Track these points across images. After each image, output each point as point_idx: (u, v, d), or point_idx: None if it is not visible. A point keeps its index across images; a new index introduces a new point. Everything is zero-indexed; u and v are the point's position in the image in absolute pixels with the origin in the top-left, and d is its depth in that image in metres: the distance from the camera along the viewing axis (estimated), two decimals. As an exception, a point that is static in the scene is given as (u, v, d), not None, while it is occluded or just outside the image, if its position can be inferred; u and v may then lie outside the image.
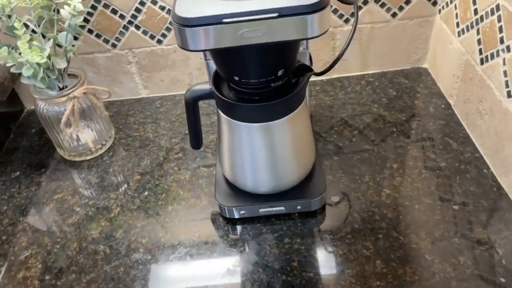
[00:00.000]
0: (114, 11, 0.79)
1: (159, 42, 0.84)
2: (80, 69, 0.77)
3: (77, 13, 0.68)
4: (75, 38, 0.76)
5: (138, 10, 0.79)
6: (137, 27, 0.81)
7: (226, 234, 0.64)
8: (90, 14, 0.79)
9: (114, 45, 0.84)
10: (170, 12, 0.71)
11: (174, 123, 0.85)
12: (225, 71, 0.53)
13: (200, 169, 0.74)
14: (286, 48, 0.50)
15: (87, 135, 0.77)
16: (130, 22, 0.81)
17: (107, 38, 0.83)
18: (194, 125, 0.62)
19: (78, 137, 0.77)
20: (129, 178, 0.74)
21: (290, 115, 0.56)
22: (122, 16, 0.80)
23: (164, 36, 0.83)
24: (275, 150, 0.59)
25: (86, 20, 0.80)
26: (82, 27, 0.80)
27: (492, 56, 0.64)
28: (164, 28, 0.82)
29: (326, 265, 0.58)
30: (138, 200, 0.70)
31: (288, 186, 0.63)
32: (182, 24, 0.44)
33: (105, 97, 0.78)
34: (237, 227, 0.65)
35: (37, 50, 0.64)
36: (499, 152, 0.65)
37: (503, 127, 0.63)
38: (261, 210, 0.64)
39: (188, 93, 0.58)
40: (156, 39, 0.83)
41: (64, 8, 0.67)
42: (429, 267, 0.57)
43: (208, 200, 0.69)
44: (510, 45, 0.59)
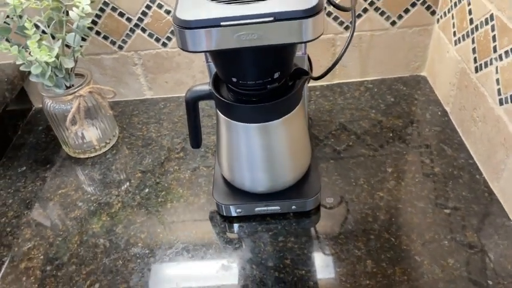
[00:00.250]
0: (121, 14, 0.82)
1: (164, 45, 0.86)
2: (87, 69, 0.80)
3: (85, 15, 0.71)
4: (83, 39, 0.79)
5: (145, 13, 0.82)
6: (143, 30, 0.84)
7: (222, 231, 0.66)
8: (98, 17, 0.82)
9: (120, 47, 0.86)
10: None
11: (177, 124, 0.87)
12: (224, 73, 0.56)
13: (200, 169, 0.76)
14: (281, 51, 0.52)
15: (91, 133, 0.79)
16: (136, 25, 0.83)
17: (114, 40, 0.86)
18: (194, 125, 0.64)
19: (83, 135, 0.79)
20: (131, 176, 0.77)
21: (286, 116, 0.58)
22: (129, 19, 0.83)
23: (169, 39, 0.85)
24: (271, 150, 0.61)
25: (94, 22, 0.83)
26: (90, 28, 0.83)
27: (486, 65, 0.66)
28: (169, 31, 0.84)
29: (318, 263, 0.60)
30: (139, 197, 0.72)
31: (284, 186, 0.65)
32: (182, 26, 0.46)
33: (110, 97, 0.80)
34: (234, 225, 0.67)
35: (46, 50, 0.67)
36: (491, 158, 0.66)
37: (495, 134, 0.64)
38: (257, 209, 0.65)
39: (188, 93, 0.60)
40: (161, 42, 0.86)
41: (73, 10, 0.70)
42: (418, 268, 0.58)
43: (206, 199, 0.71)
44: (502, 54, 0.61)
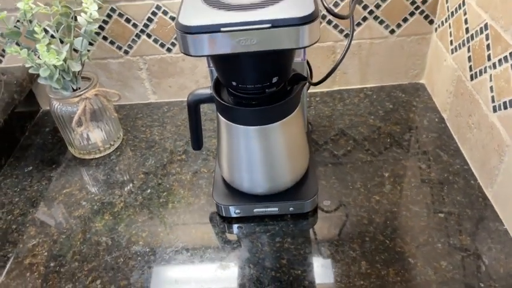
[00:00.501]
0: (127, 20, 0.85)
1: (169, 50, 0.89)
2: (94, 72, 0.82)
3: (93, 20, 0.73)
4: (90, 44, 0.82)
5: (150, 20, 0.85)
6: (149, 35, 0.87)
7: (221, 231, 0.68)
8: (105, 22, 0.85)
9: (126, 51, 0.89)
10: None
11: (180, 127, 0.89)
12: (224, 77, 0.58)
13: (201, 171, 0.78)
14: (279, 56, 0.54)
15: (96, 135, 0.82)
16: (142, 31, 0.86)
17: (120, 45, 0.88)
18: (195, 127, 0.67)
19: (88, 136, 0.82)
20: (134, 176, 0.79)
21: (284, 120, 0.60)
22: (135, 25, 0.85)
23: (174, 44, 0.88)
24: (270, 152, 0.63)
25: (102, 28, 0.86)
26: (97, 34, 0.86)
27: (480, 73, 0.67)
28: (174, 37, 0.87)
29: (313, 264, 0.61)
30: (141, 197, 0.74)
31: (282, 187, 0.67)
32: (184, 31, 0.48)
33: (115, 99, 0.83)
34: (232, 226, 0.68)
35: (54, 53, 0.69)
36: (486, 164, 0.67)
37: (489, 140, 0.66)
38: (255, 210, 0.67)
39: (190, 96, 0.62)
40: (166, 47, 0.88)
41: (81, 16, 0.73)
42: (412, 269, 0.59)
43: (206, 200, 0.73)
44: (496, 62, 0.63)
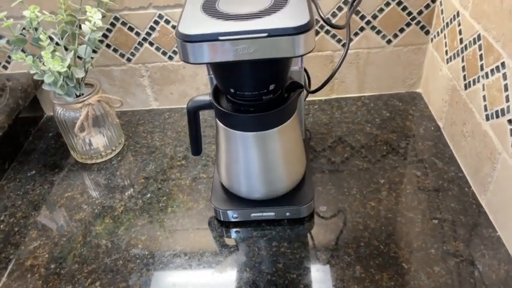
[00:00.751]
0: (130, 29, 0.87)
1: (171, 58, 0.91)
2: (97, 79, 0.84)
3: (97, 29, 0.75)
4: (94, 51, 0.84)
5: (153, 28, 0.87)
6: (151, 43, 0.89)
7: (219, 235, 0.69)
8: (109, 30, 0.87)
9: (129, 59, 0.91)
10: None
11: (180, 133, 0.91)
12: (222, 84, 0.59)
13: (200, 176, 0.80)
14: (276, 64, 0.56)
15: (98, 140, 0.83)
16: (145, 39, 0.88)
17: (123, 53, 0.90)
18: (194, 133, 0.68)
19: (90, 142, 0.83)
20: (134, 181, 0.80)
21: (281, 126, 0.62)
22: (138, 33, 0.87)
23: (175, 52, 0.90)
24: (267, 157, 0.64)
25: (105, 36, 0.88)
26: (101, 41, 0.88)
27: (474, 82, 0.69)
28: (175, 45, 0.89)
29: (309, 268, 0.62)
30: (141, 201, 0.76)
31: (279, 193, 0.68)
32: (184, 39, 0.50)
33: (117, 106, 0.84)
34: (230, 230, 0.69)
35: (59, 60, 0.71)
36: (479, 172, 0.69)
37: (482, 148, 0.67)
38: (253, 214, 0.68)
39: (190, 103, 0.64)
40: (168, 55, 0.90)
41: (85, 24, 0.75)
42: (405, 274, 0.60)
43: (205, 205, 0.74)
44: (489, 72, 0.64)
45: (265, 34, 0.49)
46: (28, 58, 0.72)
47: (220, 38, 0.49)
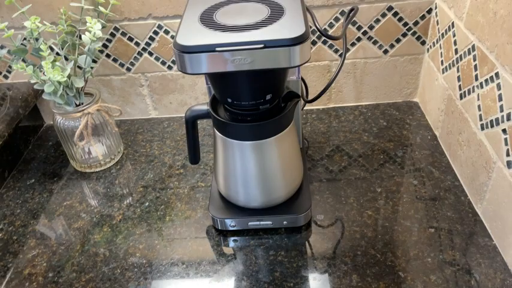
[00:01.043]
0: (130, 39, 0.88)
1: (170, 68, 0.92)
2: (96, 89, 0.85)
3: (97, 39, 0.76)
4: (94, 61, 0.85)
5: (152, 38, 0.88)
6: (150, 53, 0.90)
7: (217, 244, 0.69)
8: (109, 41, 0.88)
9: (128, 69, 0.92)
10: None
11: (179, 142, 0.91)
12: (220, 94, 0.60)
13: (198, 185, 0.80)
14: (272, 75, 0.56)
15: (98, 149, 0.84)
16: (144, 49, 0.89)
17: (123, 62, 0.91)
18: (192, 142, 0.69)
19: (89, 150, 0.84)
20: (133, 190, 0.81)
21: (278, 135, 0.62)
22: (137, 43, 0.89)
23: (174, 62, 0.91)
24: (265, 166, 0.65)
25: (105, 46, 0.89)
26: (101, 51, 0.89)
27: (469, 92, 0.69)
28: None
29: (306, 276, 0.63)
30: (139, 210, 0.76)
31: (277, 201, 0.68)
32: (181, 50, 0.51)
33: (116, 115, 0.85)
34: (228, 239, 0.70)
35: (59, 70, 0.72)
36: (475, 181, 0.69)
37: (477, 157, 0.68)
38: (250, 223, 0.69)
39: (188, 112, 0.65)
40: (167, 65, 0.91)
41: (85, 34, 0.76)
42: (401, 283, 0.60)
43: (203, 213, 0.74)
44: (483, 82, 0.65)
45: (261, 45, 0.49)
46: (29, 68, 0.73)
47: (217, 49, 0.50)
